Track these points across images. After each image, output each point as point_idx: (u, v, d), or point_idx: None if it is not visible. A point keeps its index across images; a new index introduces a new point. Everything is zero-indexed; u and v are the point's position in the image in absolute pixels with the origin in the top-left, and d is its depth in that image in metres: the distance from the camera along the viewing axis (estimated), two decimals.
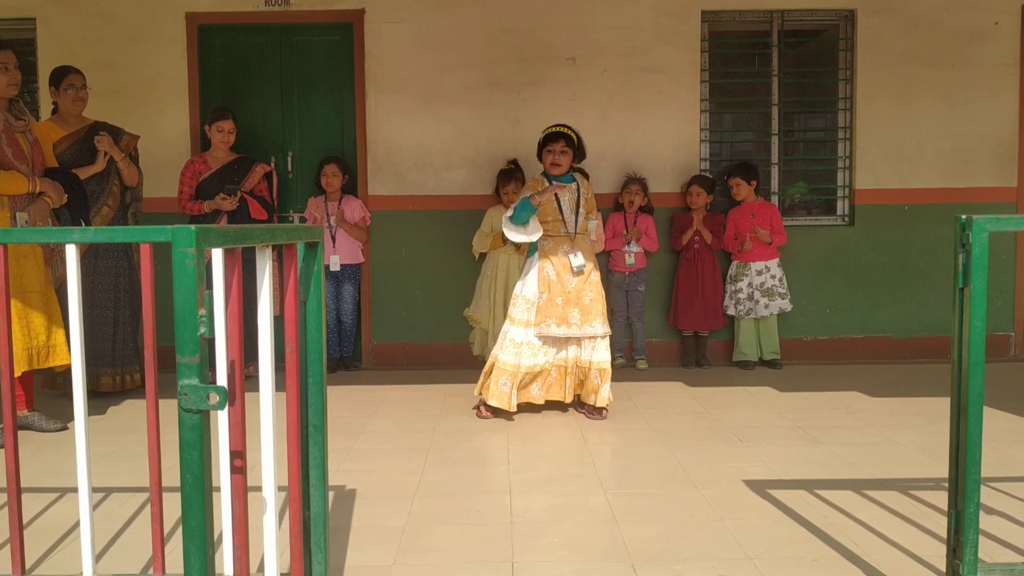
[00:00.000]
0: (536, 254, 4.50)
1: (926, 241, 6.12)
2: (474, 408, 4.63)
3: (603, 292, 4.56)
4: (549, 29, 5.99)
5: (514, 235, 4.42)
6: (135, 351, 5.13)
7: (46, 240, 2.04)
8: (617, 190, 5.96)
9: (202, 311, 1.37)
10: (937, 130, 6.09)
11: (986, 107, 6.09)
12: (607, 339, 4.51)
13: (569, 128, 4.53)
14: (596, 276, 4.51)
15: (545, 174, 4.53)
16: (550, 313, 4.40)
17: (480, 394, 4.55)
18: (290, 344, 1.90)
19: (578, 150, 4.53)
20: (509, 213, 4.40)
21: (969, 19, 6.03)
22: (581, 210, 4.52)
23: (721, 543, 2.75)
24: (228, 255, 1.62)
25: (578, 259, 4.42)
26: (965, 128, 6.09)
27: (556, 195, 4.42)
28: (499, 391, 4.40)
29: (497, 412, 4.51)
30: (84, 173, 4.85)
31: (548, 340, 4.43)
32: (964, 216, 2.12)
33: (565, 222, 4.48)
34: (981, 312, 2.11)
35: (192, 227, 1.37)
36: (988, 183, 6.11)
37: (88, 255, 4.87)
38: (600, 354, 4.45)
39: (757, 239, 5.80)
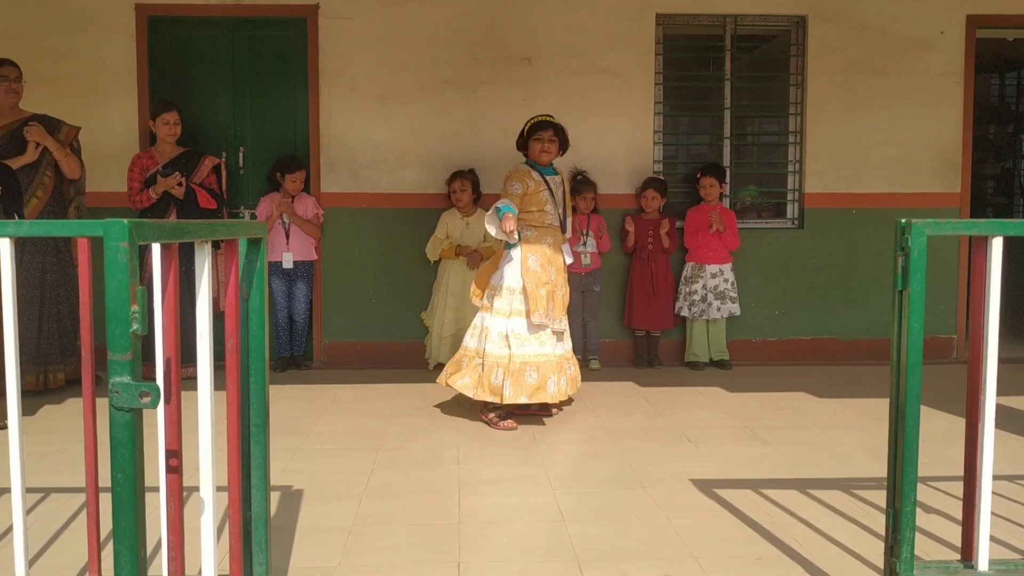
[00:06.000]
0: (519, 245, 4.31)
1: (873, 245, 6.23)
2: (484, 421, 4.38)
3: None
4: (504, 29, 5.99)
5: (491, 228, 4.24)
6: (59, 350, 4.99)
7: None
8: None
9: (135, 307, 1.34)
10: (883, 136, 6.20)
11: (931, 115, 6.21)
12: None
13: (553, 119, 4.48)
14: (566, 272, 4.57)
15: (530, 163, 4.44)
16: (538, 303, 4.24)
17: (482, 401, 4.33)
18: (230, 341, 1.86)
19: (563, 142, 4.48)
20: (498, 205, 4.19)
21: (915, 28, 6.16)
22: (567, 204, 4.56)
23: (666, 542, 2.77)
24: (165, 250, 1.59)
25: (568, 255, 4.56)
26: (911, 135, 6.21)
27: (549, 186, 4.39)
28: (492, 385, 4.21)
29: (515, 416, 4.37)
30: (15, 164, 4.72)
31: (536, 330, 4.27)
32: (904, 220, 2.16)
33: (555, 214, 4.42)
34: (919, 315, 2.15)
35: (125, 221, 1.34)
36: (933, 189, 6.24)
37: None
38: (569, 344, 4.54)
39: (715, 235, 5.88)
